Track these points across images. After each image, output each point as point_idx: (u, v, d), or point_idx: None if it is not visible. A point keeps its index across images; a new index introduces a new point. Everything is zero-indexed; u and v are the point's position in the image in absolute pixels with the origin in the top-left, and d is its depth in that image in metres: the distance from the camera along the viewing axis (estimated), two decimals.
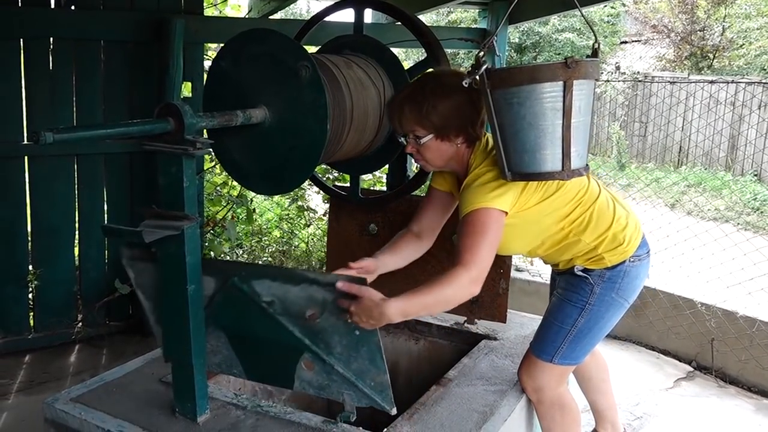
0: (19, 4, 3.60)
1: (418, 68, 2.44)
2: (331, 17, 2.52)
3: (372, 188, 4.66)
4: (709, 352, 3.80)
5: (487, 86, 1.80)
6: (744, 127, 10.29)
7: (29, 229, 3.81)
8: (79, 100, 3.80)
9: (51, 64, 3.70)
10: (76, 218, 3.92)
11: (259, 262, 5.26)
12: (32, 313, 3.89)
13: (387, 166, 2.62)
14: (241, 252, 5.36)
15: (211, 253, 4.48)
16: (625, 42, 16.32)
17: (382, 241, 2.68)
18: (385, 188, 2.79)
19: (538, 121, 1.78)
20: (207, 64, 4.06)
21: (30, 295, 3.87)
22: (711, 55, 13.86)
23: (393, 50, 2.39)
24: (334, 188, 2.74)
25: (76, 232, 3.94)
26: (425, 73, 2.15)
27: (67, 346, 3.88)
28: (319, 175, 3.28)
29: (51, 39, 3.69)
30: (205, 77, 2.03)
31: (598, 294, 2.11)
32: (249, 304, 1.82)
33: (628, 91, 12.44)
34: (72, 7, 3.73)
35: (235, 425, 1.89)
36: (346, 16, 2.51)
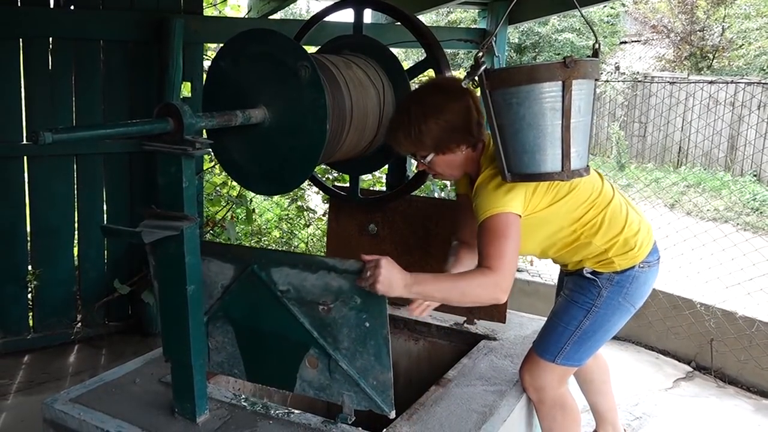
0: (19, 4, 3.60)
1: (417, 68, 2.44)
2: (330, 17, 2.52)
3: (371, 188, 4.67)
4: (709, 353, 3.80)
5: (486, 87, 1.80)
6: (743, 128, 10.30)
7: (28, 229, 3.81)
8: (78, 100, 3.80)
9: (50, 64, 3.70)
10: (76, 218, 3.91)
11: None
12: (31, 314, 3.89)
13: (386, 166, 2.62)
14: None
15: None
16: (625, 42, 16.32)
17: (381, 241, 2.69)
18: (384, 188, 2.79)
19: (537, 121, 1.77)
20: (206, 64, 4.06)
21: (29, 295, 3.87)
22: (710, 56, 13.87)
23: (393, 50, 2.39)
24: (334, 188, 2.74)
25: (76, 232, 3.94)
26: (408, 94, 2.18)
27: (67, 347, 3.88)
28: (319, 176, 3.28)
29: (50, 39, 3.69)
30: (205, 77, 2.03)
31: (606, 297, 2.11)
32: (264, 293, 1.82)
33: (628, 92, 12.44)
34: (71, 7, 3.73)
35: (235, 426, 1.89)
36: (346, 16, 2.51)
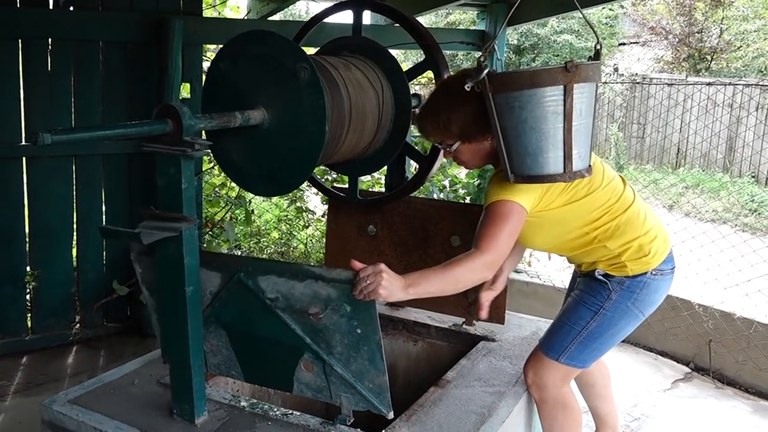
0: (18, 5, 3.60)
1: (416, 70, 2.44)
2: (329, 19, 2.52)
3: (370, 189, 4.67)
4: (707, 354, 3.80)
5: (489, 90, 1.81)
6: (741, 129, 10.31)
7: (27, 230, 3.81)
8: (77, 101, 3.80)
9: (49, 65, 3.70)
10: (74, 219, 3.91)
11: None
12: (30, 315, 3.89)
13: (385, 168, 2.62)
14: (239, 253, 5.36)
15: None
16: (624, 44, 16.35)
17: (380, 242, 2.69)
18: (383, 189, 2.79)
19: (539, 124, 1.79)
20: (206, 65, 4.06)
21: (27, 296, 3.87)
22: (709, 57, 13.90)
23: (392, 51, 2.39)
24: (333, 189, 2.74)
25: (74, 233, 3.93)
26: (439, 83, 2.21)
27: (65, 348, 3.88)
28: (318, 177, 3.28)
29: (50, 39, 3.68)
30: (204, 78, 2.03)
31: (615, 300, 2.13)
32: (253, 301, 1.82)
33: (626, 93, 12.46)
34: (71, 8, 3.73)
35: (233, 427, 1.89)
36: (345, 17, 2.52)
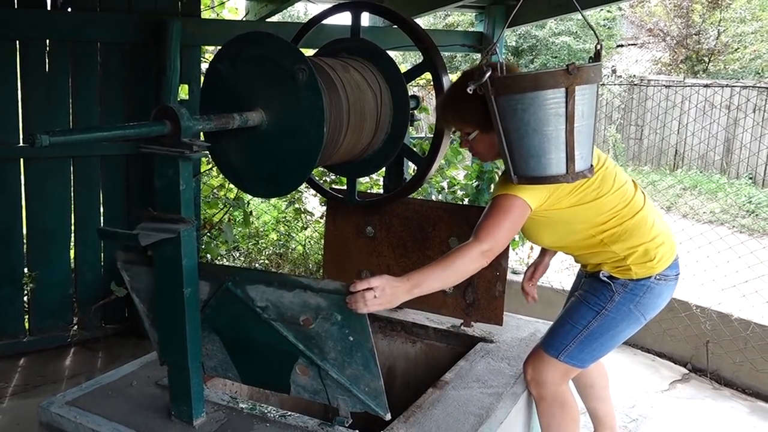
0: (16, 6, 3.60)
1: (415, 72, 2.45)
2: (328, 20, 2.52)
3: (369, 191, 4.67)
4: (704, 355, 3.81)
5: (492, 93, 1.82)
6: (739, 131, 10.34)
7: (24, 231, 3.80)
8: (75, 102, 3.80)
9: (47, 66, 3.70)
10: (72, 220, 3.91)
11: (256, 266, 5.26)
12: (27, 316, 3.88)
13: (384, 169, 2.62)
14: (237, 255, 5.36)
15: (208, 256, 4.48)
16: (622, 45, 16.39)
17: (378, 244, 2.69)
18: (381, 191, 2.79)
19: (542, 126, 1.81)
20: (204, 67, 4.06)
21: (25, 298, 3.86)
22: (706, 59, 13.93)
23: (390, 53, 2.40)
24: (331, 191, 2.74)
25: (72, 235, 3.93)
26: (462, 73, 2.21)
27: (63, 349, 3.87)
28: (316, 178, 3.28)
29: (47, 40, 3.68)
30: (202, 80, 2.03)
31: (617, 302, 2.15)
32: (243, 309, 1.82)
33: (624, 95, 12.48)
34: (68, 9, 3.73)
35: (231, 428, 1.89)
36: (344, 19, 2.52)
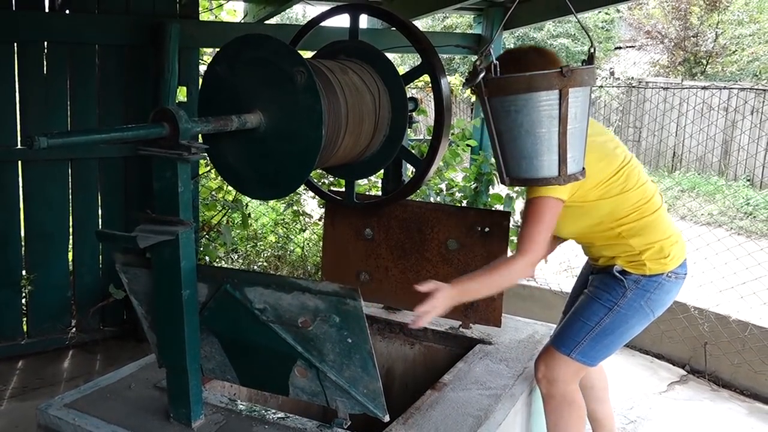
0: (13, 8, 3.60)
1: (413, 73, 2.45)
2: (326, 22, 2.52)
3: (367, 193, 4.67)
4: (702, 356, 3.81)
5: (485, 94, 1.82)
6: (736, 133, 10.35)
7: (23, 234, 3.80)
8: (73, 104, 3.80)
9: (45, 68, 3.70)
10: (71, 223, 3.90)
11: (255, 268, 5.25)
12: (26, 319, 3.88)
13: (382, 171, 2.62)
14: (236, 257, 5.36)
15: (206, 258, 4.48)
16: (620, 48, 16.41)
17: (377, 246, 2.69)
18: (380, 193, 2.79)
19: (534, 128, 1.81)
20: (202, 69, 4.06)
21: (23, 300, 3.86)
22: (704, 61, 13.95)
23: (388, 55, 2.40)
24: (330, 193, 2.74)
25: (71, 237, 3.93)
26: (505, 54, 2.19)
27: (61, 352, 3.87)
28: (315, 180, 3.28)
29: (45, 43, 3.68)
30: (201, 82, 2.03)
31: (629, 298, 2.16)
32: (242, 311, 1.82)
33: (622, 97, 12.50)
34: (66, 11, 3.73)
35: (230, 430, 1.89)
36: (342, 21, 2.52)
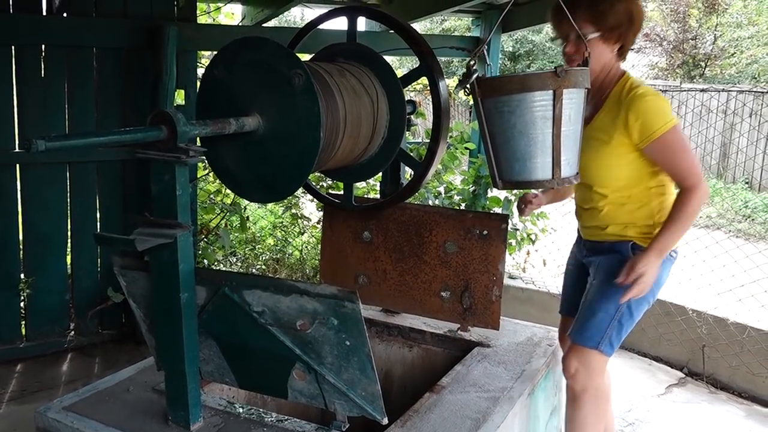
0: (11, 11, 3.60)
1: (411, 76, 2.45)
2: (324, 25, 2.53)
3: (366, 196, 4.67)
4: (701, 359, 3.81)
5: (478, 95, 1.82)
6: (735, 135, 10.37)
7: (21, 237, 3.80)
8: (71, 108, 3.80)
9: (43, 71, 3.70)
10: (69, 226, 3.90)
11: (253, 271, 5.25)
12: (24, 322, 3.87)
13: (380, 174, 2.62)
14: (234, 260, 5.35)
15: (205, 262, 4.48)
16: None
17: (375, 249, 2.69)
18: (378, 196, 2.79)
19: (528, 129, 1.80)
20: (200, 72, 4.07)
21: (22, 304, 3.85)
22: (703, 64, 13.99)
23: (387, 58, 2.40)
24: (328, 196, 2.74)
25: (69, 240, 3.93)
26: None
27: (60, 355, 3.86)
28: (313, 183, 3.28)
29: (43, 46, 3.68)
30: (199, 85, 2.03)
31: None
32: (240, 314, 1.82)
33: None
34: (64, 14, 3.73)
35: None
36: (340, 24, 2.52)
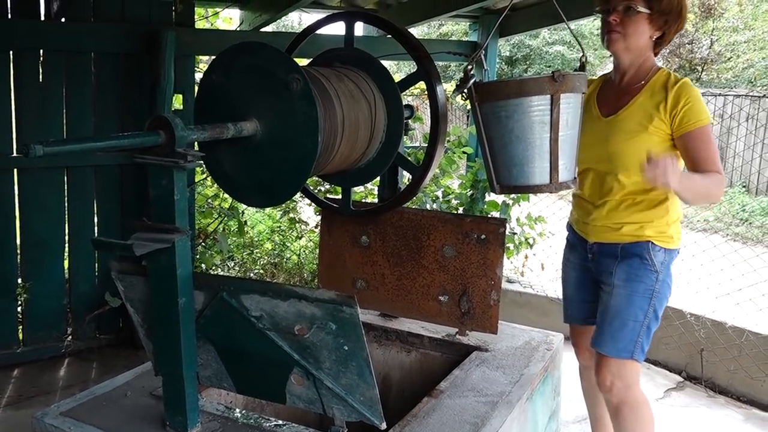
0: (9, 16, 3.60)
1: (409, 81, 2.46)
2: (322, 30, 2.53)
3: (363, 200, 4.67)
4: (699, 363, 3.81)
5: (476, 99, 1.83)
6: (732, 140, 10.39)
7: (18, 242, 3.79)
8: (69, 113, 3.80)
9: (41, 76, 3.70)
10: (66, 231, 3.90)
11: (251, 275, 5.25)
12: (21, 327, 3.86)
13: (378, 178, 2.62)
14: (232, 264, 5.35)
15: (203, 266, 4.47)
16: None
17: (373, 253, 2.69)
18: (376, 200, 2.79)
19: (525, 134, 1.81)
20: (198, 77, 4.07)
21: (19, 309, 3.85)
22: (699, 68, 14.03)
23: (384, 62, 2.41)
24: (326, 200, 2.74)
25: (66, 245, 3.92)
26: None
27: (57, 360, 3.85)
28: (311, 188, 3.28)
29: (41, 51, 3.69)
30: (197, 90, 2.03)
31: (662, 280, 2.19)
32: (238, 319, 1.82)
33: None
34: (62, 20, 3.74)
35: None
36: (337, 29, 2.53)
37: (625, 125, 2.14)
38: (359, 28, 2.61)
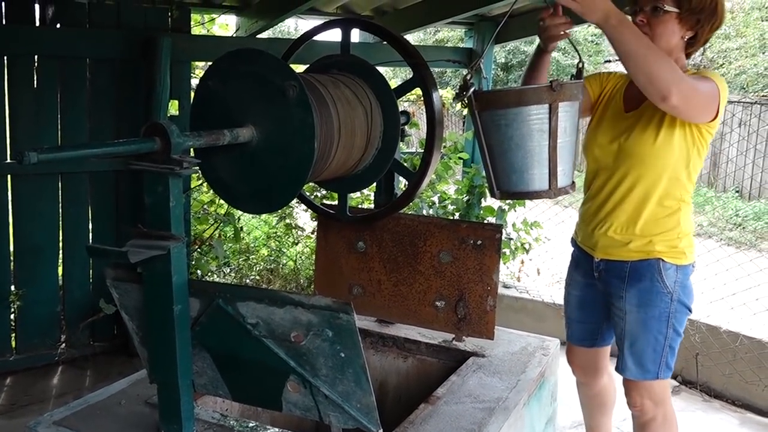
0: (4, 22, 3.59)
1: (405, 87, 2.46)
2: (318, 37, 2.53)
3: (360, 206, 4.67)
4: (694, 367, 3.82)
5: (475, 108, 1.84)
6: (725, 145, 10.45)
7: (12, 249, 3.77)
8: (64, 118, 3.79)
9: (36, 82, 3.69)
10: (60, 237, 3.88)
11: (247, 281, 5.23)
12: (14, 334, 3.84)
13: (375, 184, 2.62)
14: (228, 270, 5.33)
15: (198, 272, 4.46)
16: (609, 61, 16.53)
17: (370, 259, 2.69)
18: (372, 206, 2.79)
19: (525, 142, 1.82)
20: (194, 83, 4.06)
21: (12, 316, 3.82)
22: None
23: (380, 69, 2.41)
24: (322, 206, 2.74)
25: (60, 252, 3.90)
26: None
27: (50, 368, 3.83)
28: (307, 194, 3.28)
29: (36, 57, 3.68)
30: (193, 96, 2.03)
31: (678, 300, 2.16)
32: (234, 326, 1.81)
33: None
34: (57, 25, 3.73)
35: None
36: (334, 35, 2.53)
37: (648, 121, 2.05)
38: (355, 35, 2.62)
